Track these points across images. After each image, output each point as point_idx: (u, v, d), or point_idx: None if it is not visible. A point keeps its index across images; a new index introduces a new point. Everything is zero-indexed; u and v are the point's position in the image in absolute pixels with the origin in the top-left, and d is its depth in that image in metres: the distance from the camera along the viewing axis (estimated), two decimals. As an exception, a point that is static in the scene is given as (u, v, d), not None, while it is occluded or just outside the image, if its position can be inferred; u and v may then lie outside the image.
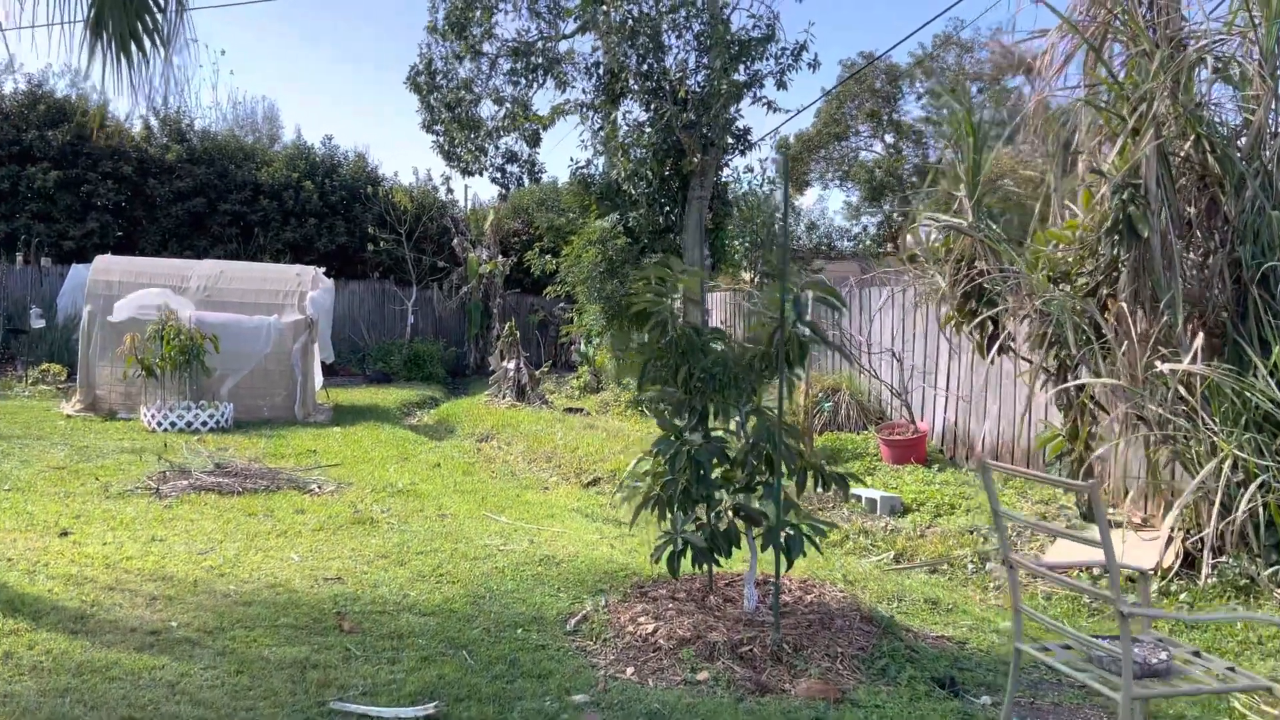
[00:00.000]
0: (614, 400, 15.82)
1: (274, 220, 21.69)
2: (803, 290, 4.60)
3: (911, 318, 11.49)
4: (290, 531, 7.11)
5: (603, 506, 9.11)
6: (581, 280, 15.82)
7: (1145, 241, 6.53)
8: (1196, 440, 6.12)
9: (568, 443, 11.79)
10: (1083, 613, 6.05)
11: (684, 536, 4.80)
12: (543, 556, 6.52)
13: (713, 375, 5.00)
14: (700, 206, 15.44)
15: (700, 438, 4.85)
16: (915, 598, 5.97)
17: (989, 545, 7.34)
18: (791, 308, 4.60)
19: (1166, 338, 6.54)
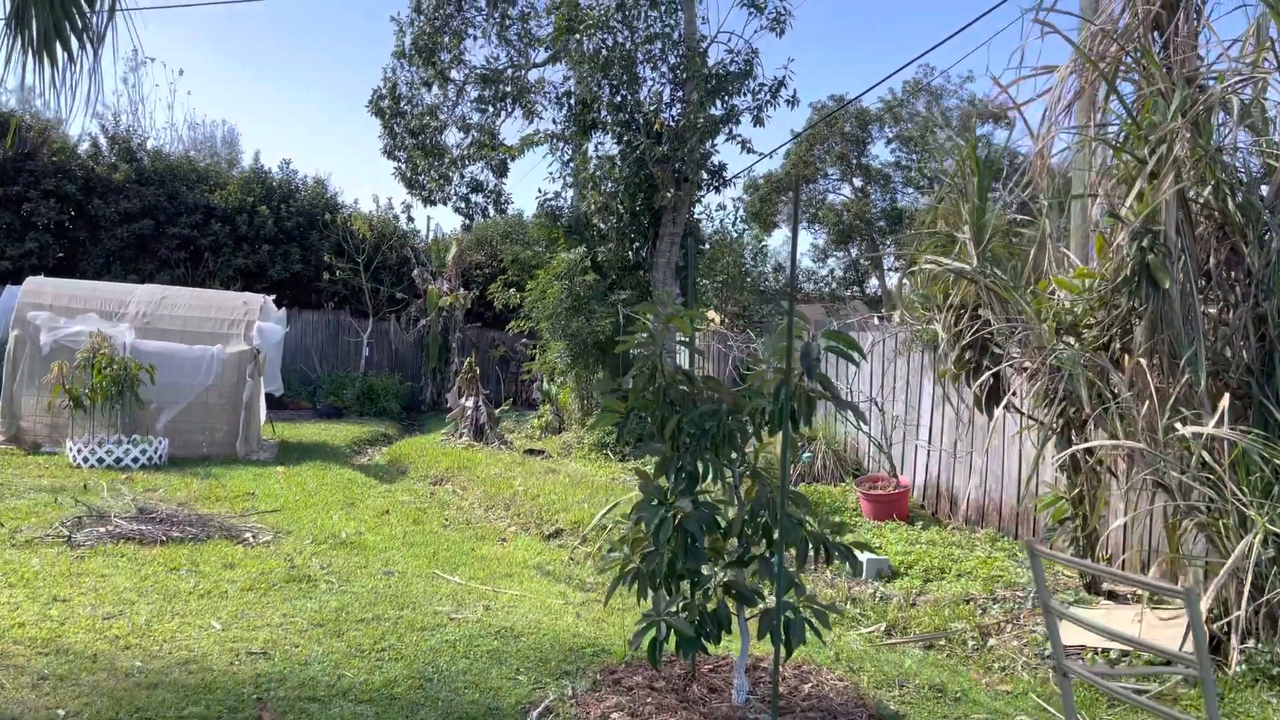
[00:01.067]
0: (577, 442, 15.11)
1: (226, 245, 20.82)
2: (814, 339, 4.00)
3: (894, 366, 10.97)
4: (215, 591, 6.32)
5: (565, 563, 8.39)
6: (546, 316, 15.16)
7: (1164, 293, 6.03)
8: (1223, 512, 5.58)
9: (528, 489, 11.05)
10: (1101, 702, 5.45)
11: (669, 621, 4.12)
12: (500, 628, 5.80)
13: (705, 430, 4.36)
14: (672, 243, 14.90)
15: (689, 503, 4.19)
16: (918, 683, 5.33)
17: (988, 618, 6.73)
18: (801, 359, 3.99)
19: (1187, 398, 6.02)
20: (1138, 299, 6.12)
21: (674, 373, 4.47)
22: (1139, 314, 6.22)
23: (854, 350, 4.06)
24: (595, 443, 14.42)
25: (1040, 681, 5.75)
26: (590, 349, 14.97)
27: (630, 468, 13.21)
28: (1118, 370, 6.20)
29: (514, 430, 17.58)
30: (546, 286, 15.36)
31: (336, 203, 23.19)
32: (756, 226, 30.84)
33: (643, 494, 4.38)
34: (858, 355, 4.09)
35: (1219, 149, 6.34)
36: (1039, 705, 5.39)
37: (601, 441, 14.31)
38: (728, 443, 4.36)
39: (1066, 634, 6.13)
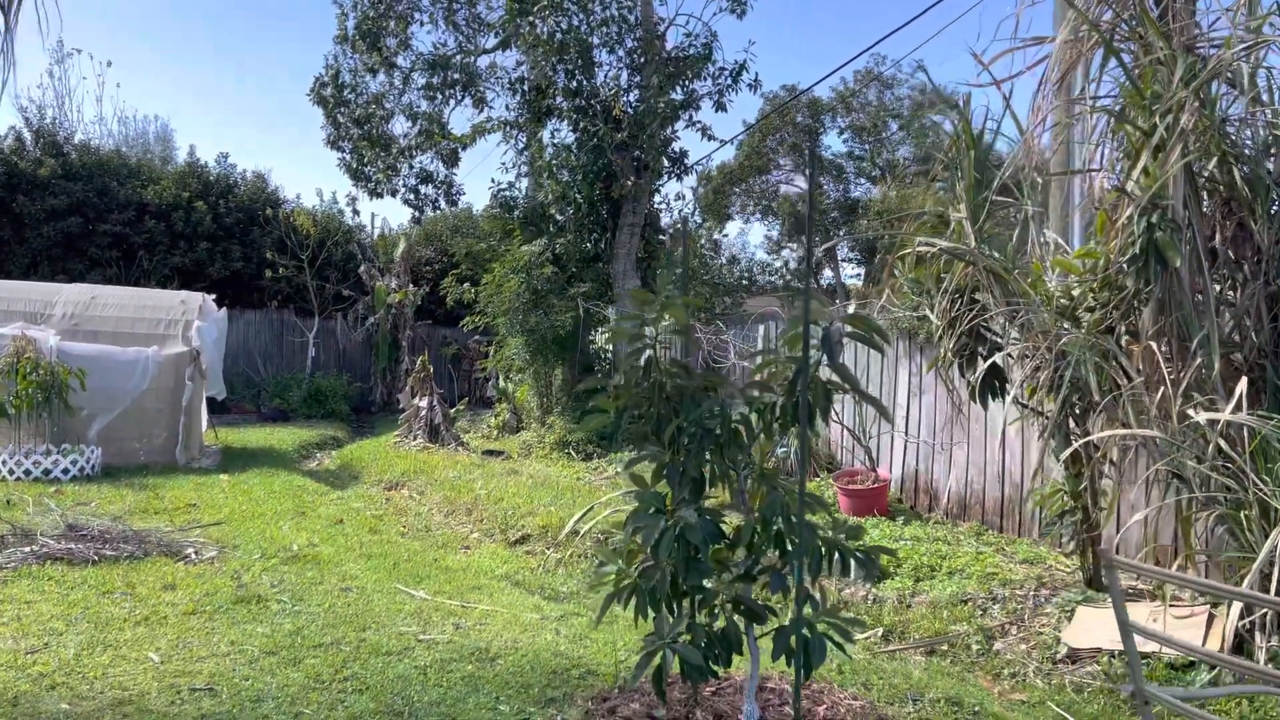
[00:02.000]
0: (537, 441, 14.57)
1: (161, 243, 19.89)
2: (832, 325, 3.55)
3: (867, 355, 10.60)
4: (154, 617, 5.71)
5: (535, 571, 7.88)
6: (503, 311, 14.59)
7: (1173, 272, 5.70)
8: (1245, 503, 5.25)
9: (490, 492, 10.51)
10: (1123, 710, 5.09)
11: (675, 648, 3.65)
12: (474, 649, 5.28)
13: (709, 431, 3.89)
14: (632, 234, 14.42)
15: (693, 513, 3.72)
16: (932, 696, 4.92)
17: (990, 620, 6.36)
18: (822, 344, 3.53)
19: (1198, 383, 5.69)
20: (1145, 279, 5.78)
21: (671, 366, 4.00)
22: (1145, 295, 5.88)
23: (879, 335, 3.62)
24: (557, 442, 13.89)
25: (1056, 689, 5.38)
26: (550, 345, 14.44)
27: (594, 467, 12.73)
28: (1125, 355, 5.85)
29: (470, 430, 16.97)
30: (503, 280, 14.80)
31: (278, 197, 22.34)
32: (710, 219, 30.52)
33: (639, 502, 3.90)
34: (882, 341, 3.65)
35: (1224, 120, 6.03)
36: (1059, 715, 5.02)
37: (563, 440, 13.79)
38: (734, 443, 3.90)
39: (1076, 635, 5.78)
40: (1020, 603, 6.53)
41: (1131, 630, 2.76)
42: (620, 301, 14.45)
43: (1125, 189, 5.77)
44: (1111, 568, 2.77)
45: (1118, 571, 2.94)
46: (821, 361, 3.69)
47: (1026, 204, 6.84)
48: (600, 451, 13.39)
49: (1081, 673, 5.47)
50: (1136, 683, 2.76)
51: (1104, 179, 6.10)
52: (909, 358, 10.07)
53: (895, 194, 26.87)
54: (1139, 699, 2.77)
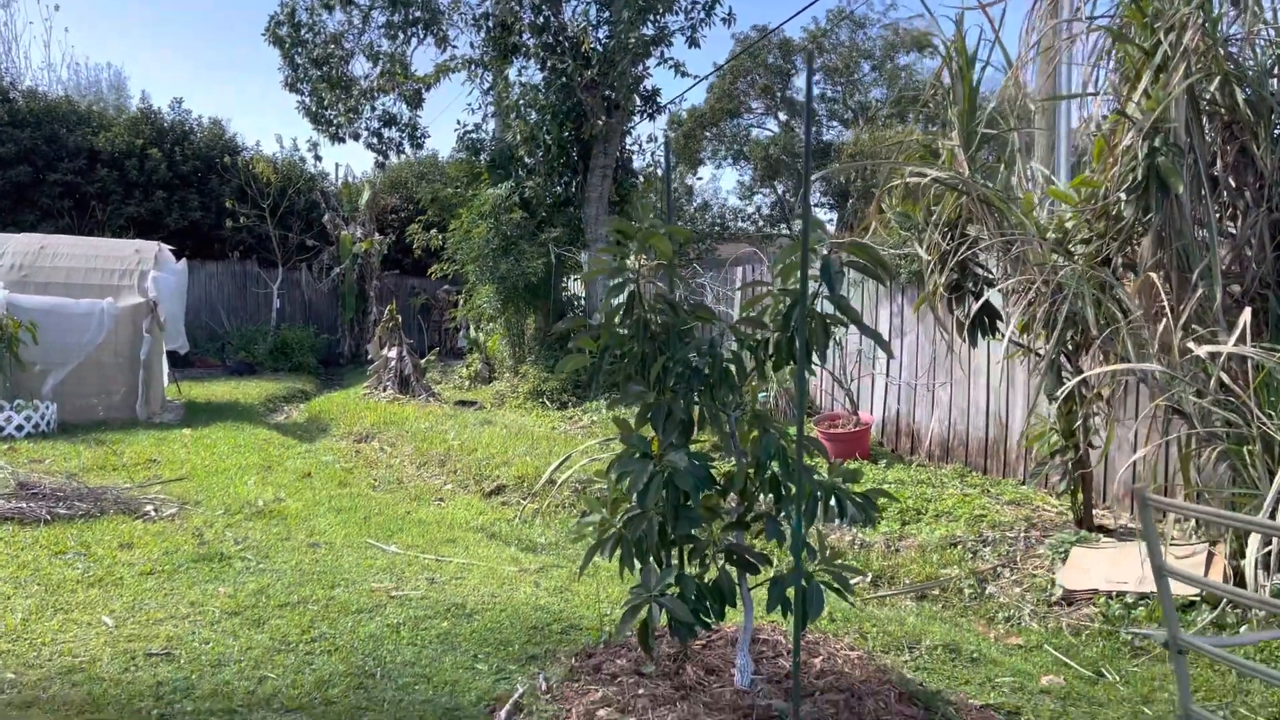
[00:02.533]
0: (510, 391, 14.27)
1: (115, 193, 19.19)
2: (832, 254, 3.26)
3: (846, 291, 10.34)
4: (109, 578, 5.40)
5: (512, 522, 7.63)
6: (472, 258, 14.18)
7: (1175, 199, 5.45)
8: (1248, 439, 5.07)
9: (463, 442, 10.22)
10: (1124, 652, 4.94)
11: (664, 603, 3.40)
12: (449, 605, 5.02)
13: (697, 371, 3.61)
14: (604, 177, 14.01)
15: (682, 457, 3.45)
16: (929, 644, 4.73)
17: (981, 563, 6.20)
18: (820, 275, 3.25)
19: (1199, 315, 5.48)
20: (1145, 207, 5.54)
21: (656, 302, 3.70)
22: (1144, 225, 5.64)
23: (881, 266, 3.34)
24: (531, 391, 13.60)
25: (1052, 632, 5.23)
26: (521, 292, 14.07)
27: (570, 416, 12.47)
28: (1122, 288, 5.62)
29: (441, 381, 16.64)
30: (471, 226, 14.36)
31: (236, 145, 21.62)
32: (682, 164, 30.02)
33: (623, 447, 3.62)
34: (884, 272, 3.37)
35: (1226, 40, 5.76)
36: (1058, 660, 4.86)
37: (537, 390, 13.50)
38: (724, 383, 3.62)
39: (1071, 576, 5.62)
40: (1011, 545, 6.37)
41: (1166, 574, 2.54)
42: (593, 246, 14.07)
43: (1125, 112, 5.50)
44: (1146, 506, 2.53)
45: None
46: (819, 294, 3.41)
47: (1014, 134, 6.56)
48: (575, 400, 13.11)
49: (1078, 615, 5.31)
50: (1171, 631, 2.54)
51: (1100, 104, 5.81)
52: (890, 298, 9.83)
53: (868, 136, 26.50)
54: (1173, 648, 2.55)
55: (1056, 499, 7.30)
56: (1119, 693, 4.46)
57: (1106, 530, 6.53)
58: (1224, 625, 4.88)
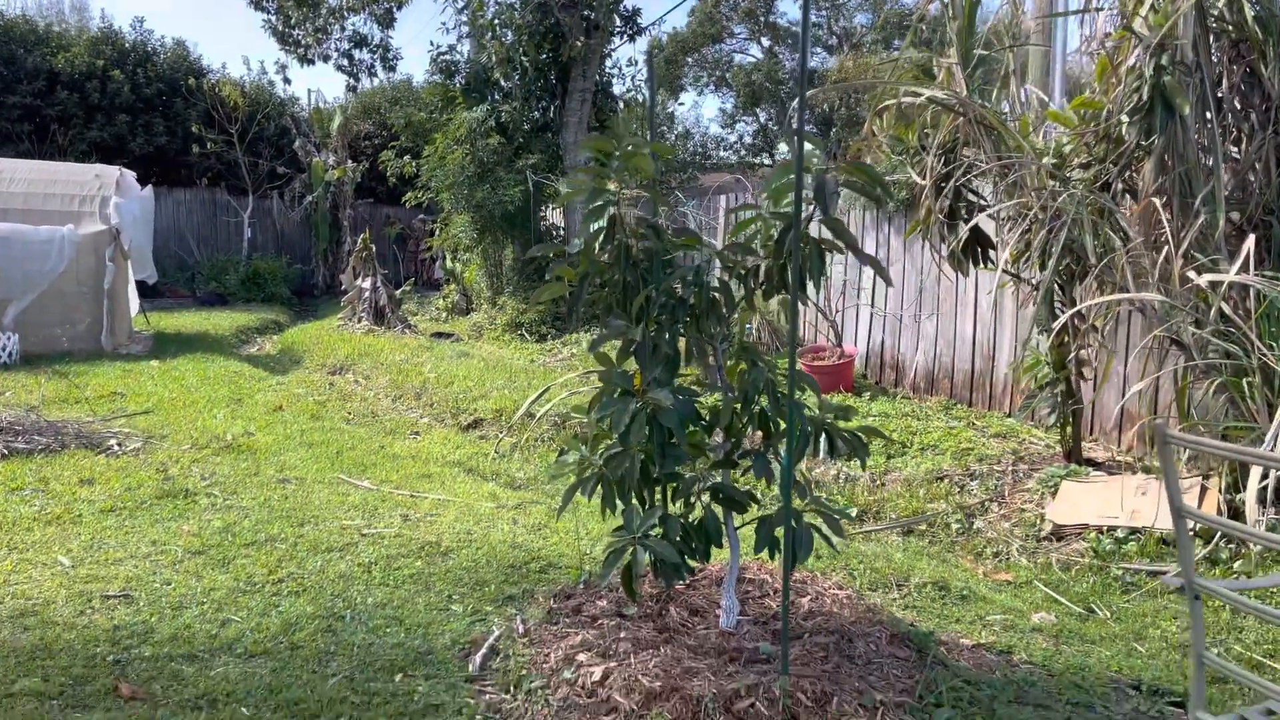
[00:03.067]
0: (488, 323, 14.00)
1: (76, 116, 18.52)
2: (827, 173, 3.02)
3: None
4: (67, 516, 5.19)
5: (489, 457, 7.45)
6: (447, 186, 13.78)
7: (1179, 122, 5.22)
8: (1248, 370, 4.92)
9: (440, 375, 10.00)
10: (1114, 588, 4.85)
11: (648, 544, 3.22)
12: (424, 543, 4.85)
13: (682, 301, 3.39)
14: (583, 101, 13.58)
15: (667, 394, 3.25)
16: (917, 581, 4.62)
17: (969, 497, 6.08)
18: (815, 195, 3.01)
19: (1200, 243, 5.29)
20: (1148, 129, 5.30)
21: (638, 226, 3.46)
22: (1147, 147, 5.41)
23: (880, 185, 3.10)
24: (509, 323, 13.34)
25: (1042, 568, 5.12)
26: (498, 221, 13.72)
27: (548, 349, 12.24)
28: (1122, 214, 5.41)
29: (417, 313, 16.34)
30: (445, 152, 13.93)
31: (201, 67, 20.85)
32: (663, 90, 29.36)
33: (604, 383, 3.41)
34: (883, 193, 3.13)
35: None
36: (1048, 596, 4.76)
37: (515, 322, 13.24)
38: (711, 314, 3.41)
39: (1061, 511, 5.51)
40: (999, 479, 6.25)
41: (1185, 515, 2.37)
42: (572, 174, 13.68)
43: (1132, 27, 5.22)
44: (1166, 443, 2.35)
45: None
46: (813, 217, 3.18)
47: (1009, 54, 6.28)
48: (554, 333, 12.88)
49: (1068, 550, 5.21)
50: (1187, 575, 2.38)
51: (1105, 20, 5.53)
52: (875, 227, 9.59)
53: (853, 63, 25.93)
54: (1189, 593, 2.39)
55: (1044, 432, 7.18)
56: (1111, 629, 4.37)
57: (1095, 463, 6.42)
58: (1217, 560, 4.78)
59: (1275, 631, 4.17)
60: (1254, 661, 3.97)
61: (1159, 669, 3.83)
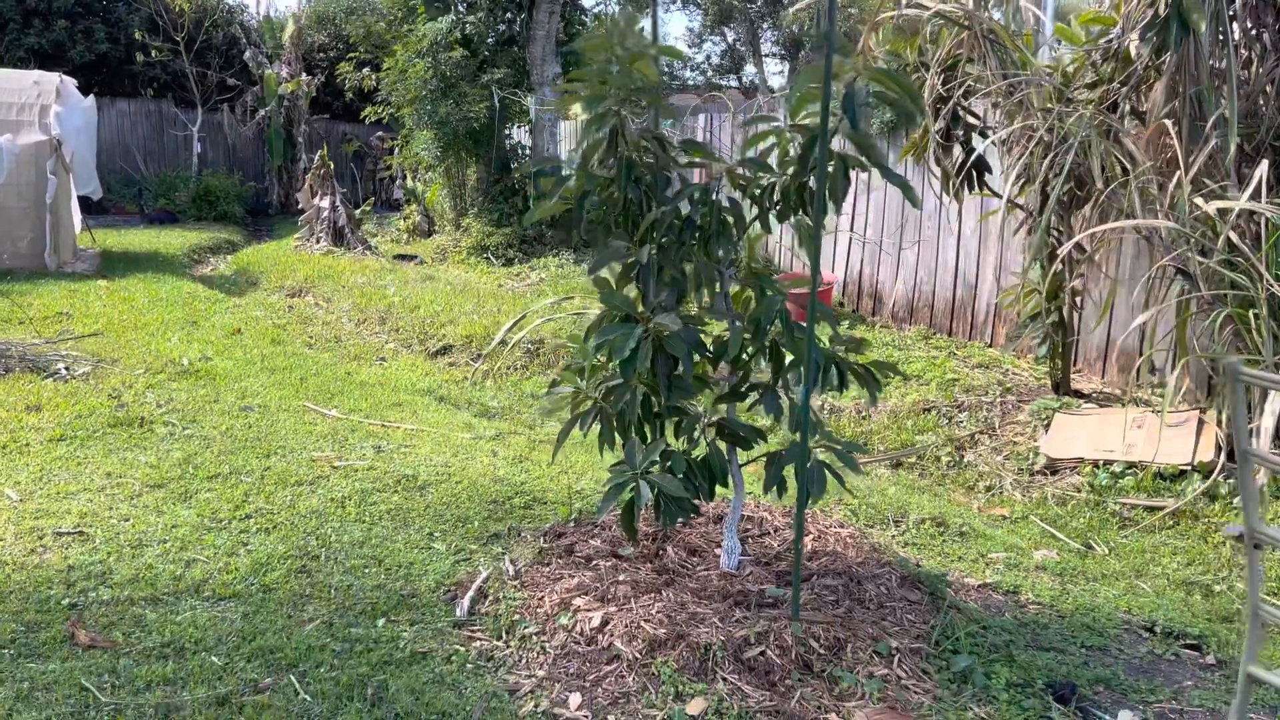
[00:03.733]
0: (452, 245, 13.57)
1: (12, 21, 17.45)
2: (855, 81, 2.73)
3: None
4: (12, 445, 4.86)
5: (461, 384, 7.18)
6: (409, 101, 13.19)
7: (1193, 39, 4.97)
8: (1255, 301, 4.76)
9: (405, 299, 9.65)
10: (1111, 524, 4.75)
11: (652, 480, 3.00)
12: (399, 476, 4.60)
13: (689, 222, 3.11)
14: (550, 13, 12.99)
15: (675, 319, 2.99)
16: (916, 517, 4.47)
17: (959, 430, 5.95)
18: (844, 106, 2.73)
19: (1209, 169, 5.09)
20: (1161, 46, 5.04)
21: (639, 139, 3.16)
22: (1158, 67, 5.16)
23: (911, 99, 2.82)
24: (474, 246, 12.93)
25: (1036, 503, 5.01)
26: (463, 139, 13.19)
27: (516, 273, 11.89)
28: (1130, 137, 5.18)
29: (376, 234, 15.80)
30: (406, 66, 13.29)
31: (144, -31, 19.69)
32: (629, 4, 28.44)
33: (606, 306, 3.14)
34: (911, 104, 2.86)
35: None
36: (1045, 532, 4.65)
37: (481, 245, 12.83)
38: (721, 236, 3.14)
39: (1055, 444, 5.39)
40: (988, 411, 6.12)
41: (1252, 459, 2.18)
42: (540, 90, 13.18)
43: (1150, -62, 4.93)
44: (1237, 380, 2.15)
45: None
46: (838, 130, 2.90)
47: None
48: (521, 256, 12.51)
49: (1063, 484, 5.10)
50: (1250, 522, 2.20)
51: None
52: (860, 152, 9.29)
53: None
54: (1249, 541, 2.22)
55: (1031, 362, 7.05)
56: (1112, 566, 4.27)
57: (1082, 395, 6.30)
58: (1216, 495, 4.69)
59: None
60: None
61: (1169, 609, 3.72)
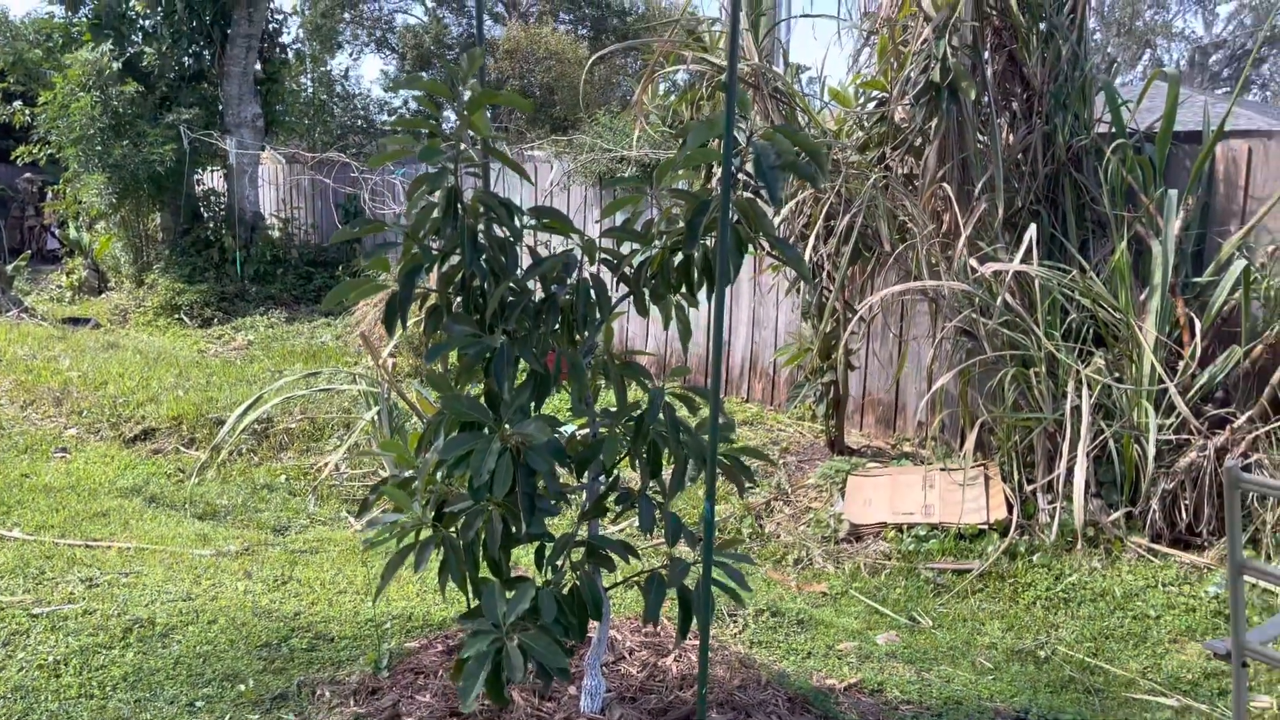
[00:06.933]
0: (134, 305, 11.83)
1: None
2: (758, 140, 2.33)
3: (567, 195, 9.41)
4: None
5: (174, 479, 6.04)
6: (74, 140, 11.38)
7: (962, 107, 5.12)
8: (1036, 360, 4.92)
9: (85, 373, 8.13)
10: (927, 591, 4.66)
11: (526, 643, 2.37)
12: (129, 621, 3.58)
13: (552, 303, 2.56)
14: (249, 48, 11.79)
15: (538, 427, 2.42)
16: (751, 610, 4.12)
17: (753, 495, 5.72)
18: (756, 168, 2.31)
19: (979, 232, 5.25)
20: (930, 113, 5.15)
21: (484, 200, 2.56)
22: (926, 132, 5.28)
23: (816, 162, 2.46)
24: (163, 305, 11.33)
25: (851, 575, 4.85)
26: (144, 184, 11.58)
27: (218, 335, 10.51)
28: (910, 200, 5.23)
29: (33, 293, 13.53)
30: (69, 99, 11.50)
31: None
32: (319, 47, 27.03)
33: (451, 413, 2.50)
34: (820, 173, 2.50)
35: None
36: (871, 608, 4.48)
37: (171, 303, 11.26)
38: (589, 321, 2.61)
39: (854, 509, 5.29)
40: (772, 473, 5.96)
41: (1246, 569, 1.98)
42: (238, 131, 11.89)
43: (921, 4, 5.02)
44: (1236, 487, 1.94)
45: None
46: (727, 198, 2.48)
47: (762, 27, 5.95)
48: (223, 315, 11.11)
49: (871, 552, 4.98)
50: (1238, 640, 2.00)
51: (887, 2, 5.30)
52: (602, 205, 9.06)
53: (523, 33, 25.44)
54: (1236, 660, 2.02)
55: (795, 419, 7.05)
56: (940, 640, 4.15)
57: (854, 451, 6.33)
58: (1016, 554, 4.75)
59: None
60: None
61: (1025, 689, 3.61)
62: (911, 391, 6.49)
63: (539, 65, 25.25)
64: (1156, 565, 4.55)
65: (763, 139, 2.38)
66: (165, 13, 11.72)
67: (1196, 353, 4.85)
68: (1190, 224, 5.21)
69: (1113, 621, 4.26)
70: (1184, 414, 4.68)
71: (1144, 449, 4.65)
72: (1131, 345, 4.85)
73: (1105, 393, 4.81)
